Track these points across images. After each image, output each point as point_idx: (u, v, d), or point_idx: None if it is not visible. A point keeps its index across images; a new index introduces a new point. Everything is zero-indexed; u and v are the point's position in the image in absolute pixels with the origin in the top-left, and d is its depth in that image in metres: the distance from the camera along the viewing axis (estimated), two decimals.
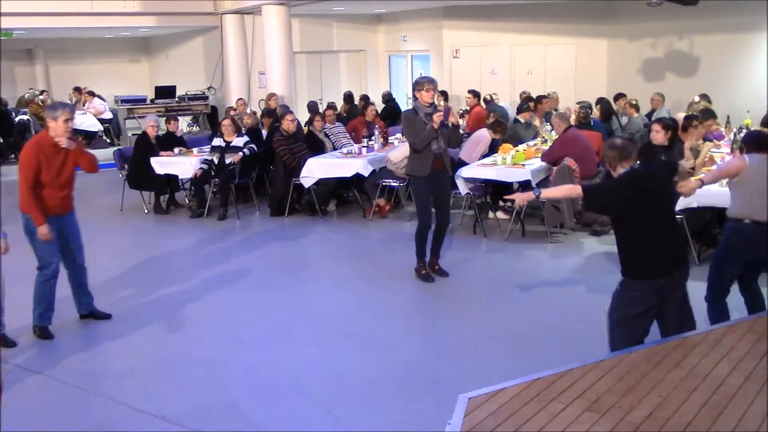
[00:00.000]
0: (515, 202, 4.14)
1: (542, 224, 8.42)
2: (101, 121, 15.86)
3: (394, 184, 9.27)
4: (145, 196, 10.28)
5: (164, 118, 11.59)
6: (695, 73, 14.47)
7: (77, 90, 16.99)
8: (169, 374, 5.01)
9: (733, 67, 14.00)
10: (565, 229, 8.30)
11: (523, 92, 13.39)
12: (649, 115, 11.23)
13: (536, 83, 15.53)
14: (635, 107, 10.86)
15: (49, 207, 5.41)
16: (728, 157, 7.52)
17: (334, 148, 10.30)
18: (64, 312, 5.90)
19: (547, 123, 10.84)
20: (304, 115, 12.73)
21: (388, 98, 14.50)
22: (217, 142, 9.93)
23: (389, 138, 10.52)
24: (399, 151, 8.47)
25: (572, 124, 8.81)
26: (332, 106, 12.20)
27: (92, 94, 16.44)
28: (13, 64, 18.69)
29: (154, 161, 9.87)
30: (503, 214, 8.99)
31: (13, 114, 14.92)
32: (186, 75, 18.16)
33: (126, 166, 10.23)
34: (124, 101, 16.73)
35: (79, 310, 5.97)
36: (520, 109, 11.08)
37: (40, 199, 5.34)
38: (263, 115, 11.68)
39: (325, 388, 4.69)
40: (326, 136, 10.49)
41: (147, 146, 10.02)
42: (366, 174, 9.15)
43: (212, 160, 9.76)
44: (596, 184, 4.26)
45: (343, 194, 10.24)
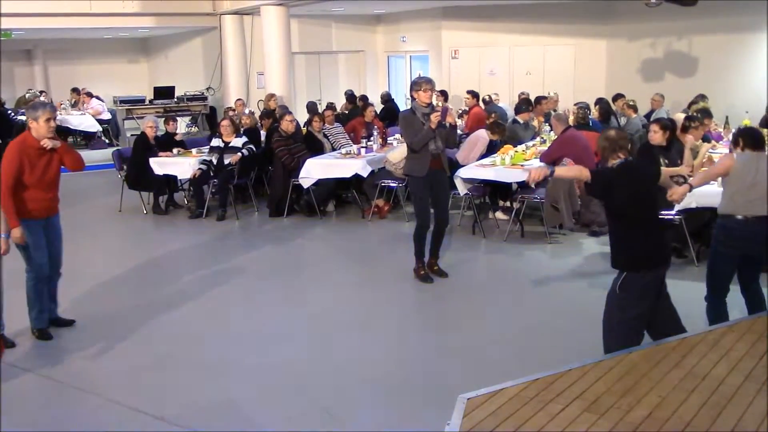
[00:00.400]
0: (529, 175, 4.19)
1: (541, 225, 8.43)
2: (100, 121, 15.84)
3: (393, 184, 9.27)
4: (143, 196, 10.26)
5: (163, 119, 11.58)
6: (694, 74, 14.49)
7: (75, 91, 16.99)
8: (169, 374, 5.01)
9: (732, 68, 14.03)
10: (564, 230, 8.30)
11: (521, 93, 13.40)
12: (648, 116, 11.24)
13: (535, 84, 15.54)
14: (633, 108, 10.87)
15: (35, 209, 5.33)
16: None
17: (333, 149, 10.30)
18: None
19: (546, 124, 10.85)
20: (303, 116, 12.73)
21: (387, 99, 14.48)
22: (215, 142, 9.93)
23: (388, 138, 10.51)
24: (398, 151, 8.47)
25: (571, 125, 8.81)
26: (331, 107, 12.20)
27: (90, 95, 16.44)
28: (12, 65, 18.67)
29: (153, 162, 9.87)
30: (502, 214, 9.00)
31: (13, 114, 14.90)
32: (185, 75, 18.16)
33: (125, 167, 10.22)
34: (123, 102, 16.74)
35: None
36: (519, 110, 11.08)
37: (21, 201, 5.24)
38: (262, 116, 11.67)
39: (324, 388, 4.70)
40: (325, 136, 10.49)
41: (146, 147, 10.02)
42: (365, 174, 9.15)
43: (211, 161, 9.75)
44: (601, 169, 4.30)
45: (342, 195, 10.24)
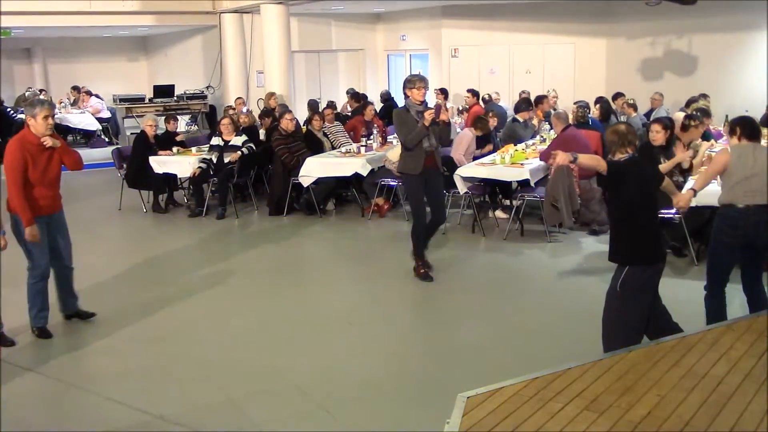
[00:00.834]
0: (556, 158, 4.31)
1: (541, 223, 8.42)
2: (99, 120, 15.84)
3: (392, 183, 9.27)
4: (143, 195, 10.26)
5: (163, 117, 11.57)
6: (694, 73, 14.48)
7: (75, 89, 16.98)
8: (169, 374, 5.00)
9: (731, 67, 14.02)
10: (563, 229, 8.30)
11: (522, 92, 13.40)
12: (648, 115, 11.24)
13: (535, 83, 15.54)
14: (633, 107, 10.86)
15: (39, 206, 5.35)
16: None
17: (333, 148, 10.30)
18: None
19: (546, 122, 10.84)
20: (303, 114, 12.72)
21: (387, 97, 14.49)
22: (215, 141, 9.92)
23: (387, 137, 10.51)
24: (397, 150, 8.42)
25: (571, 124, 8.81)
26: (331, 105, 12.18)
27: (89, 93, 16.42)
28: (12, 63, 18.66)
29: (153, 160, 9.88)
30: (502, 213, 9.00)
31: (12, 113, 14.89)
32: (184, 74, 18.13)
33: (124, 165, 10.23)
34: (123, 100, 16.71)
35: (64, 309, 5.89)
36: (518, 109, 11.08)
37: (29, 199, 5.27)
38: (262, 114, 11.65)
39: (324, 388, 4.69)
40: (325, 135, 10.49)
41: (146, 145, 10.01)
42: (365, 173, 9.15)
43: (211, 159, 9.75)
44: (615, 160, 4.37)
45: (342, 193, 10.24)
